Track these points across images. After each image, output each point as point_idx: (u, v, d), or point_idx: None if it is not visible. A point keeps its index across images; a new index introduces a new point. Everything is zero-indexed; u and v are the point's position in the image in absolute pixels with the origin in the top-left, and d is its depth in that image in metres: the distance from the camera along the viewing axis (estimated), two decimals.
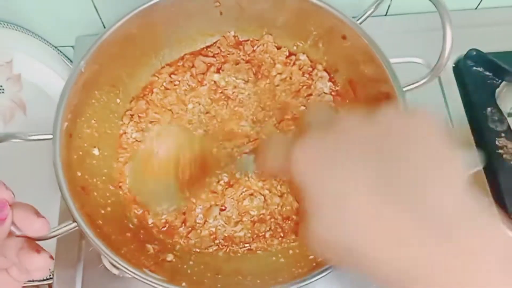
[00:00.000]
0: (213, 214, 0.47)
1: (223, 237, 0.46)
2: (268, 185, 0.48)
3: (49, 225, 0.31)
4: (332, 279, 0.48)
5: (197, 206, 0.47)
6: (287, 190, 0.47)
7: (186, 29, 0.52)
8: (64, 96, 0.42)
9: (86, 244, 0.50)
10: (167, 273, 0.40)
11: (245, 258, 0.46)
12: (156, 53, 0.53)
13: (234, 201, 0.47)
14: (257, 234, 0.46)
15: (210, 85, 0.53)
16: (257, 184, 0.48)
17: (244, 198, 0.47)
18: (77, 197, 0.39)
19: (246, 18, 0.52)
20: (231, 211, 0.47)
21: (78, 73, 0.43)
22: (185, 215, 0.47)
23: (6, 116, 0.58)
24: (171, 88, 0.52)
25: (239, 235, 0.46)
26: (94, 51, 0.44)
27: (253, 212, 0.47)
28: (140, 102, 0.51)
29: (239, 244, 0.46)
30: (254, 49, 0.54)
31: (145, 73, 0.53)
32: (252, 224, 0.46)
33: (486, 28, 0.63)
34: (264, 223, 0.46)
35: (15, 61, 0.59)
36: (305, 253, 0.44)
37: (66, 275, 0.49)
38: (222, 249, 0.46)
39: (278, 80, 0.53)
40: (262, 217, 0.47)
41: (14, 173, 0.46)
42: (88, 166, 0.45)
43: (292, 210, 0.47)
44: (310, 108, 0.51)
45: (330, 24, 0.47)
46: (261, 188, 0.48)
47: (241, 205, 0.47)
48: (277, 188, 0.48)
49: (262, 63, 0.54)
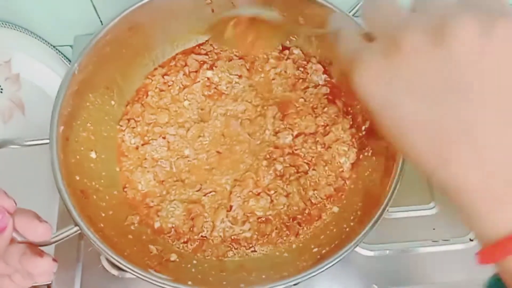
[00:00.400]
0: (220, 217, 0.46)
1: (231, 240, 0.46)
2: (273, 185, 0.47)
3: (51, 229, 0.31)
4: (333, 278, 0.48)
5: (205, 209, 0.47)
6: (293, 190, 0.47)
7: (178, 27, 0.52)
8: (59, 99, 0.42)
9: (85, 245, 0.50)
10: (172, 273, 0.40)
11: (249, 255, 0.46)
12: (149, 53, 0.52)
13: (240, 200, 0.47)
14: (263, 234, 0.46)
15: (203, 81, 0.52)
16: (264, 181, 0.47)
17: (251, 197, 0.47)
18: (77, 200, 0.39)
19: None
20: (236, 211, 0.47)
21: (72, 76, 0.43)
22: (193, 221, 0.46)
23: (5, 116, 0.58)
24: (166, 89, 0.52)
25: (246, 235, 0.46)
26: (87, 53, 0.44)
27: (259, 213, 0.46)
28: (135, 105, 0.51)
29: (247, 245, 0.46)
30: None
31: (138, 74, 0.52)
32: (258, 225, 0.46)
33: None
34: (270, 223, 0.46)
35: (14, 60, 0.59)
36: (309, 246, 0.44)
37: (65, 276, 0.48)
38: (231, 251, 0.46)
39: (273, 74, 0.53)
40: (268, 217, 0.47)
41: (11, 177, 0.45)
42: (86, 170, 0.45)
43: (298, 210, 0.47)
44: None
45: (322, 17, 0.47)
46: (267, 188, 0.47)
47: (247, 205, 0.47)
48: (283, 188, 0.47)
49: (255, 59, 0.54)
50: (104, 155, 0.48)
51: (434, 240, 0.49)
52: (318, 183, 0.48)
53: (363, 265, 0.48)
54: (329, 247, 0.42)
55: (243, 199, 0.47)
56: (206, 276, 0.42)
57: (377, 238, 0.49)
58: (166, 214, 0.46)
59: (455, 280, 0.47)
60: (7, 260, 0.30)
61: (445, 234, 0.50)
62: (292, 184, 0.47)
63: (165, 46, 0.53)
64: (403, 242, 0.49)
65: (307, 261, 0.42)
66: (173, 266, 0.43)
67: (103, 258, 0.49)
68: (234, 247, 0.46)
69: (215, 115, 0.51)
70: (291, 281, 0.37)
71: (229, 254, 0.45)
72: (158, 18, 0.49)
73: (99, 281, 0.48)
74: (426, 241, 0.49)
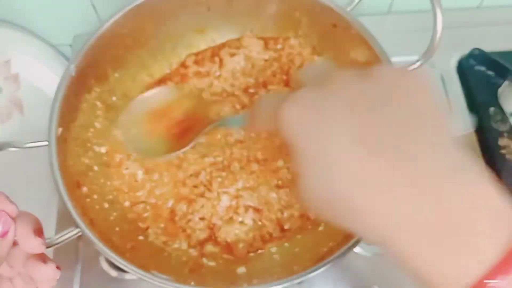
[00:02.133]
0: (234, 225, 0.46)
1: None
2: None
3: (44, 246, 0.30)
4: (334, 279, 0.48)
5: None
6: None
7: (175, 26, 0.52)
8: (57, 101, 0.42)
9: (84, 246, 0.50)
10: (173, 272, 0.39)
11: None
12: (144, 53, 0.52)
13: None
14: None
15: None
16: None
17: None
18: (78, 202, 0.39)
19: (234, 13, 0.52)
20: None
21: (69, 76, 0.43)
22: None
23: (4, 116, 0.58)
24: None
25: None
26: (84, 54, 0.44)
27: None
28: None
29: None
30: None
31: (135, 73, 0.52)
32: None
33: (489, 28, 0.64)
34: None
35: (13, 60, 0.59)
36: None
37: (63, 277, 0.47)
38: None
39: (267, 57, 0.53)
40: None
41: (10, 178, 0.45)
42: (85, 171, 0.44)
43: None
44: (304, 66, 0.51)
45: (319, 13, 0.48)
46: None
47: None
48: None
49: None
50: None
51: None
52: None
53: (364, 266, 0.48)
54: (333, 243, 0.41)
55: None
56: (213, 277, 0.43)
57: None
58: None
59: None
60: (11, 263, 0.30)
61: None
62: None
63: (162, 44, 0.52)
64: None
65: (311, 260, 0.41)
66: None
67: (102, 259, 0.49)
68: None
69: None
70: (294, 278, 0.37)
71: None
72: (156, 18, 0.49)
73: (98, 282, 0.48)
74: None
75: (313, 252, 0.41)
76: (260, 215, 0.46)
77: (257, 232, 0.45)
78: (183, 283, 0.37)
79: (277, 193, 0.46)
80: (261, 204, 0.46)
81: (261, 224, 0.45)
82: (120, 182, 0.47)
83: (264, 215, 0.46)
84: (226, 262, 0.44)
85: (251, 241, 0.45)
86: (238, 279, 0.42)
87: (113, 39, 0.46)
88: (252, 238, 0.45)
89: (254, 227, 0.45)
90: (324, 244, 0.42)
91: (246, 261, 0.44)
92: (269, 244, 0.45)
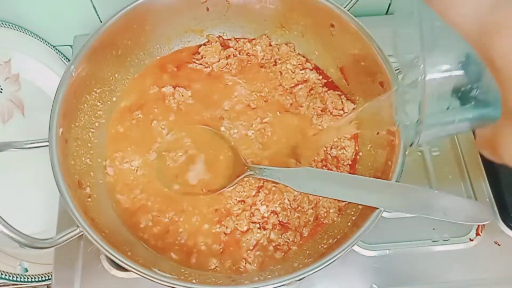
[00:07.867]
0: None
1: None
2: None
3: None
4: (334, 278, 0.48)
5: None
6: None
7: (173, 26, 0.52)
8: (57, 102, 0.42)
9: (85, 245, 0.50)
10: (174, 271, 0.40)
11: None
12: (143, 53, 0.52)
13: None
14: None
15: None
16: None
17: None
18: (79, 202, 0.39)
19: (232, 13, 0.52)
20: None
21: (69, 77, 0.43)
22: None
23: (4, 116, 0.58)
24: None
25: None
26: (84, 54, 0.44)
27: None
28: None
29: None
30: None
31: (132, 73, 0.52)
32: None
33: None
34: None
35: (14, 60, 0.59)
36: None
37: (64, 276, 0.48)
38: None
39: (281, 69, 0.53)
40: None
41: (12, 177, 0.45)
42: (86, 171, 0.45)
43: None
44: None
45: (317, 13, 0.48)
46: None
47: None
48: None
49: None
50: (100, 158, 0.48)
51: (434, 240, 0.50)
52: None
53: (363, 265, 0.49)
54: (333, 240, 0.42)
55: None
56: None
57: (377, 238, 0.50)
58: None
59: (455, 280, 0.48)
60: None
61: (445, 234, 0.50)
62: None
63: (161, 44, 0.53)
64: (403, 242, 0.50)
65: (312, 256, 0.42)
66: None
67: (103, 258, 0.49)
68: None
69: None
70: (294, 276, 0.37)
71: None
72: (155, 18, 0.49)
73: (99, 281, 0.48)
74: (426, 241, 0.50)
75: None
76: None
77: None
78: (184, 281, 0.37)
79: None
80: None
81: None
82: (120, 182, 0.47)
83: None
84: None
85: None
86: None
87: (113, 39, 0.47)
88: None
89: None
90: (324, 242, 0.42)
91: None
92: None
